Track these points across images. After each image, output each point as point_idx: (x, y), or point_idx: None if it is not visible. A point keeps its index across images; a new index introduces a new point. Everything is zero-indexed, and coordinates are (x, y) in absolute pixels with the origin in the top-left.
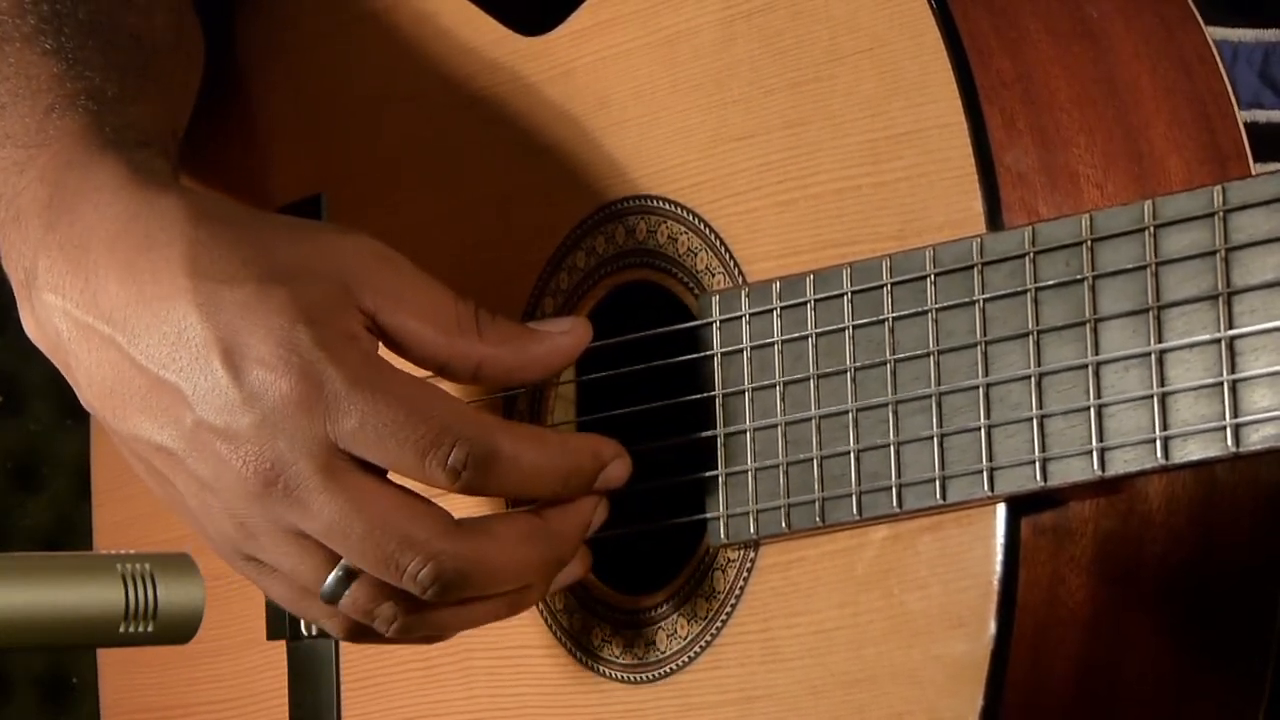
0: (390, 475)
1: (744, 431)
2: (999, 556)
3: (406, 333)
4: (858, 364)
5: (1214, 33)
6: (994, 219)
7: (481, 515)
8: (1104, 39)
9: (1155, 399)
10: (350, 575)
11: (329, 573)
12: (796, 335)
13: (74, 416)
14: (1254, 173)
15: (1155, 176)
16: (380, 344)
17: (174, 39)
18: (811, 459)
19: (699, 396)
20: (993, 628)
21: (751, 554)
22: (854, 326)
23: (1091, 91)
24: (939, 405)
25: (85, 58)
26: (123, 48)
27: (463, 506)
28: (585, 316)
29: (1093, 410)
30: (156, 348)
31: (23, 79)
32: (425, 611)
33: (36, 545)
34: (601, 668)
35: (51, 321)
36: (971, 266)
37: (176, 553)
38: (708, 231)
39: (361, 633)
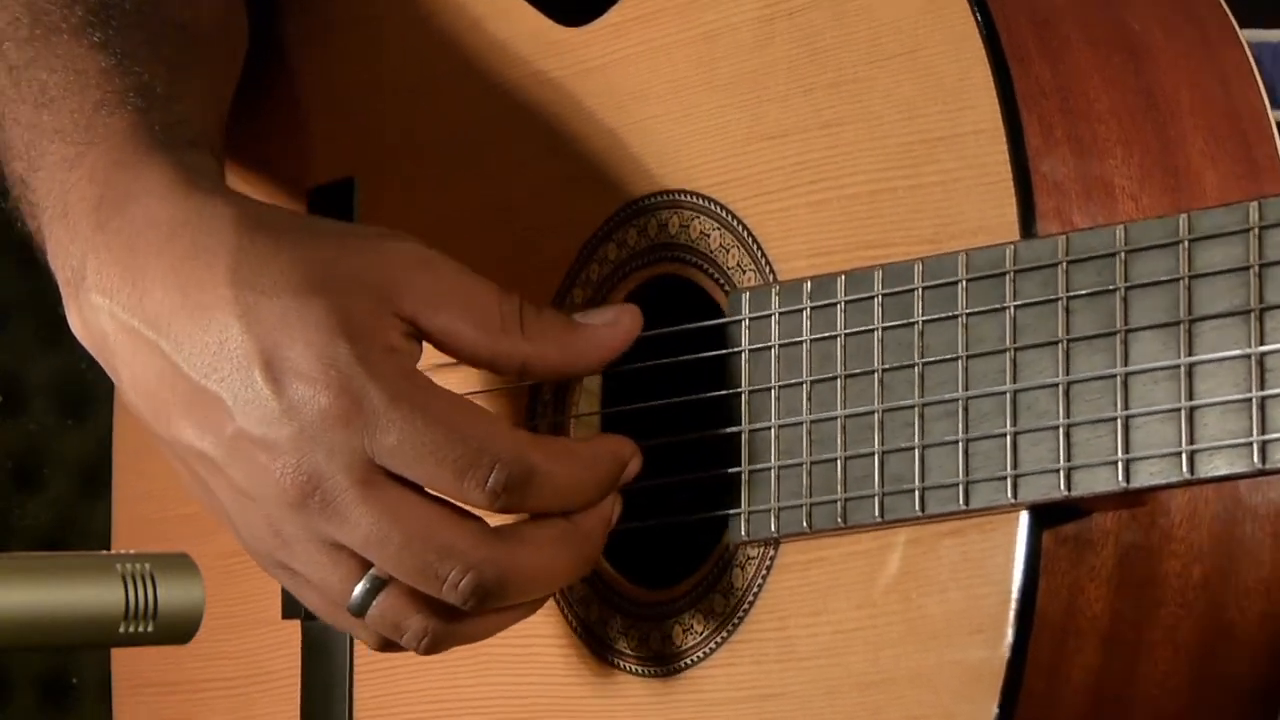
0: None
1: (769, 429)
2: (1020, 564)
3: (447, 334)
4: (885, 366)
5: (1249, 34)
6: (1028, 226)
7: (514, 522)
8: (1144, 51)
9: (1183, 412)
10: (377, 588)
11: (356, 585)
12: (825, 335)
13: (74, 416)
14: None
15: (1190, 190)
16: (421, 352)
17: (219, 27)
18: (835, 459)
19: (725, 393)
20: (1011, 635)
21: (771, 552)
22: (883, 328)
23: (1130, 103)
24: (965, 410)
25: (133, 51)
26: (170, 39)
27: None
28: (635, 305)
29: (1119, 421)
30: (199, 356)
31: (71, 73)
32: (455, 623)
33: (36, 545)
34: (616, 660)
35: (98, 322)
36: (1004, 273)
37: (176, 553)
38: (740, 228)
39: (392, 644)
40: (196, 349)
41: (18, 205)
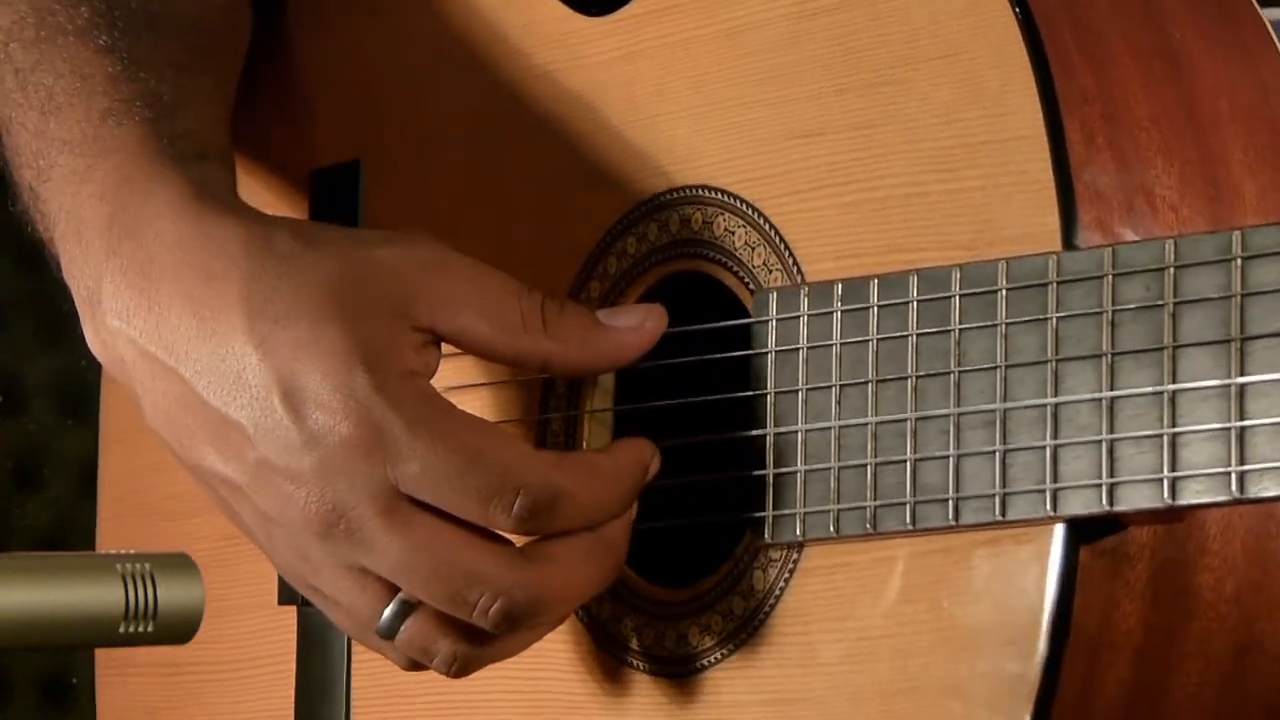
0: None
1: (795, 432)
2: (1056, 577)
3: (467, 335)
4: (920, 373)
5: (1271, 14)
6: (1069, 236)
7: (541, 541)
8: (1184, 59)
9: (1233, 432)
10: (405, 612)
11: (385, 609)
12: (857, 339)
13: (74, 416)
14: None
15: (1229, 201)
16: (438, 362)
17: (228, 20)
18: (865, 465)
19: (749, 394)
20: (1045, 648)
21: (794, 555)
22: (918, 335)
23: (1171, 112)
24: (1003, 421)
25: (140, 55)
26: (178, 37)
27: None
28: (660, 307)
29: (1166, 438)
30: (219, 384)
31: (78, 79)
32: (485, 645)
33: (36, 545)
34: (629, 658)
35: (116, 346)
36: (1046, 283)
37: (176, 553)
38: (767, 227)
39: (420, 665)
40: (215, 377)
41: (28, 213)
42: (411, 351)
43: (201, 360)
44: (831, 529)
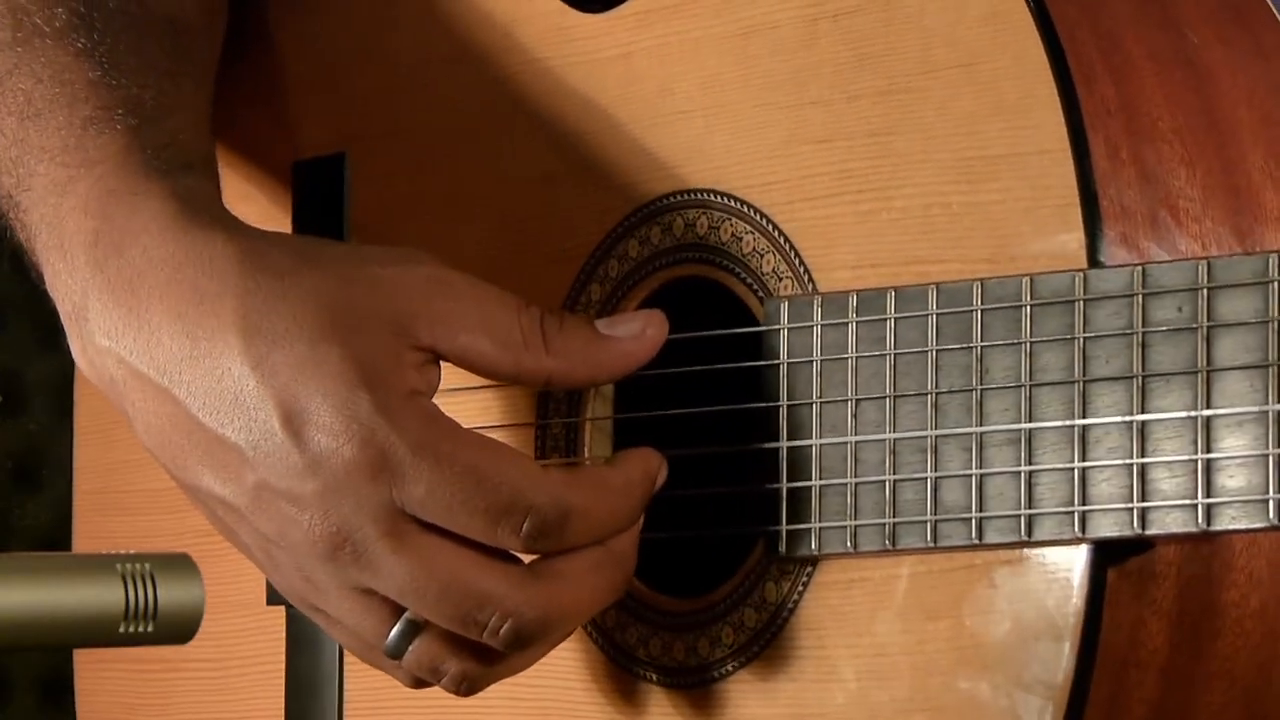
0: None
1: (809, 446)
2: (1083, 598)
3: (469, 356)
4: (940, 389)
5: None
6: (1094, 253)
7: (549, 558)
8: (1203, 67)
9: (1271, 458)
10: (413, 631)
11: (391, 629)
12: (873, 353)
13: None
14: None
15: (1251, 211)
16: (440, 380)
17: (206, 14)
18: (883, 481)
19: (762, 405)
20: (1071, 668)
21: (808, 568)
22: (938, 350)
23: (1192, 121)
24: (1029, 440)
25: (120, 60)
26: (156, 38)
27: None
28: (661, 313)
29: (1200, 463)
30: (215, 405)
31: (57, 84)
32: (495, 664)
33: (36, 545)
34: (635, 667)
35: (106, 366)
36: (1072, 301)
37: (177, 552)
38: (776, 234)
39: (425, 682)
40: (211, 398)
41: (8, 219)
42: (413, 370)
43: (196, 382)
44: (848, 544)
